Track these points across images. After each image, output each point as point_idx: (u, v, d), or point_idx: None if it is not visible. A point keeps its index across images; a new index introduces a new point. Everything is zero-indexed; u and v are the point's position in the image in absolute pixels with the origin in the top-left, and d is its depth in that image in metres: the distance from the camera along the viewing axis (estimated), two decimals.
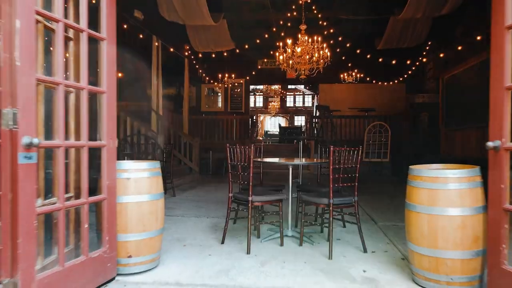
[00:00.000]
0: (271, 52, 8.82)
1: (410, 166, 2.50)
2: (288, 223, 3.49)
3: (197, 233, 3.59)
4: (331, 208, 2.90)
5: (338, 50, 10.00)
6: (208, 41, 9.14)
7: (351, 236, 3.52)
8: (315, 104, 16.53)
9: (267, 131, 22.86)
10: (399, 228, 3.87)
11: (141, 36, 8.83)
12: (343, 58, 11.13)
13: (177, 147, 8.83)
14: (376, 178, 8.93)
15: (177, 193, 6.22)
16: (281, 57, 7.13)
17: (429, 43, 9.92)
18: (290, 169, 3.43)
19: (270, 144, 11.92)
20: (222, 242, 3.20)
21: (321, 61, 7.05)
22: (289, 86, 23.32)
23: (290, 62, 7.23)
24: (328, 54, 6.99)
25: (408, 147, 9.16)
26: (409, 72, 10.72)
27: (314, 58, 6.99)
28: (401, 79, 11.50)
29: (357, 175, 3.10)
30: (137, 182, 2.44)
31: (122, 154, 5.43)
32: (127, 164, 2.44)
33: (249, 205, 2.95)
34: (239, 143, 3.38)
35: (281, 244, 3.13)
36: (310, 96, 22.91)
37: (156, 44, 8.60)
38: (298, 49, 6.85)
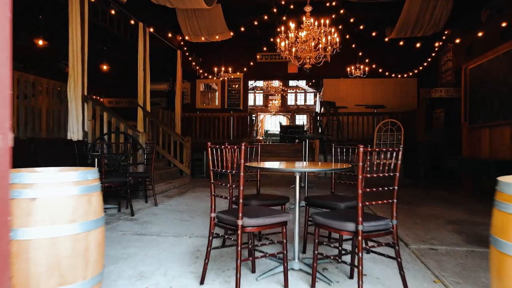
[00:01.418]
0: (271, 40, 7.88)
1: (499, 179, 1.53)
2: (294, 249, 2.55)
3: (170, 263, 2.65)
4: (360, 238, 1.95)
5: (344, 40, 9.05)
6: (201, 29, 8.20)
7: (381, 268, 2.59)
8: (318, 101, 15.59)
9: (267, 131, 21.92)
10: (440, 254, 2.93)
11: (125, 22, 7.90)
12: (350, 49, 10.19)
13: (167, 147, 7.90)
14: (388, 182, 7.98)
15: (161, 201, 5.28)
16: (282, 44, 6.19)
17: (446, 32, 8.99)
18: (297, 177, 2.49)
19: (270, 144, 10.97)
20: (201, 283, 2.26)
21: (329, 48, 6.11)
22: (290, 84, 22.39)
23: (293, 49, 6.29)
24: (337, 39, 6.05)
25: (423, 147, 8.21)
26: (425, 64, 9.75)
27: (320, 44, 6.05)
28: (410, 73, 10.54)
29: (395, 188, 2.17)
30: (50, 205, 1.49)
31: (91, 155, 4.49)
32: (33, 175, 1.49)
33: (239, 231, 2.01)
34: (230, 143, 2.45)
35: (285, 286, 2.19)
36: (312, 94, 21.98)
37: (143, 32, 7.67)
38: (303, 34, 5.91)
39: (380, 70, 10.76)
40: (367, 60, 10.40)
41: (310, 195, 3.11)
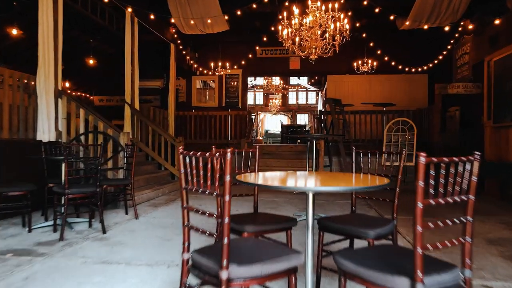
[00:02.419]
0: (272, 28, 7.14)
1: None
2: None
3: None
4: None
5: (350, 32, 8.32)
6: (194, 17, 7.46)
7: None
8: (320, 99, 14.86)
9: (267, 130, 21.19)
10: None
11: (110, 10, 7.16)
12: (356, 43, 9.45)
13: (157, 148, 7.17)
14: (402, 187, 7.23)
15: (144, 212, 4.54)
16: (284, 32, 5.45)
17: (462, 23, 8.25)
18: (310, 198, 1.74)
19: (270, 145, 10.24)
20: None
21: (338, 36, 5.37)
22: (292, 82, 21.66)
23: (297, 39, 5.55)
24: (347, 26, 5.31)
25: (439, 148, 7.48)
26: (440, 57, 8.99)
27: (328, 31, 5.31)
28: (420, 69, 9.78)
29: (469, 220, 1.42)
30: None
31: (51, 159, 3.75)
32: None
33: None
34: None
35: None
36: (314, 92, 21.24)
37: (130, 21, 6.93)
38: (308, 19, 5.16)
39: (388, 66, 10.03)
40: (375, 55, 9.67)
41: (324, 216, 2.36)
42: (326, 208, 5.07)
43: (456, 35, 8.40)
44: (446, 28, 8.18)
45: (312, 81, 15.33)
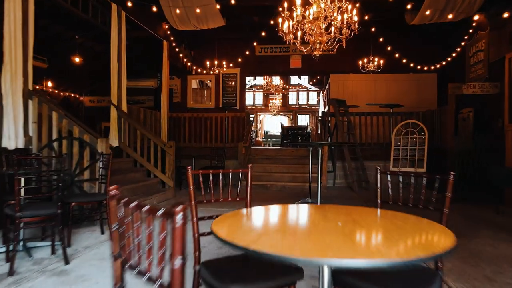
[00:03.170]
0: (272, 22, 6.55)
1: None
2: None
3: None
4: None
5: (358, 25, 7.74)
6: (187, 13, 6.87)
7: None
8: (321, 100, 14.25)
9: (267, 132, 20.59)
10: None
11: (93, 3, 6.56)
12: (360, 40, 8.86)
13: (146, 154, 6.58)
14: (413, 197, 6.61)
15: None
16: (285, 25, 4.85)
17: (476, 18, 7.66)
18: (326, 276, 1.13)
19: (270, 148, 9.64)
20: None
21: (345, 30, 4.77)
22: (292, 82, 21.07)
23: (299, 33, 4.95)
24: (356, 19, 4.72)
25: (453, 153, 6.87)
26: (454, 54, 8.39)
27: (335, 24, 4.71)
28: (426, 68, 9.17)
29: None
30: None
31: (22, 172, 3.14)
32: None
33: None
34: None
35: None
36: (315, 92, 20.66)
37: (117, 15, 6.34)
38: (312, 10, 4.56)
39: (395, 64, 9.43)
40: (381, 53, 9.07)
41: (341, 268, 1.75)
42: None
43: (470, 30, 7.80)
44: (459, 23, 7.59)
45: (314, 80, 14.74)
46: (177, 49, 8.77)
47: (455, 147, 6.86)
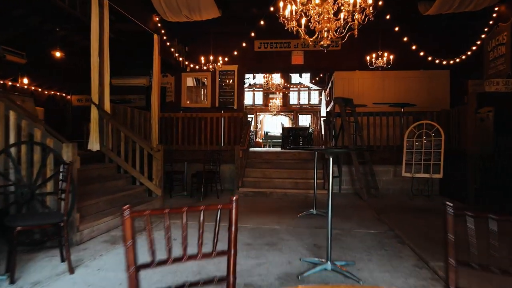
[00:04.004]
0: (272, 9, 5.84)
1: None
2: None
3: None
4: None
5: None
6: (178, 1, 6.17)
7: None
8: (323, 100, 13.54)
9: (267, 132, 19.89)
10: None
11: None
12: (367, 35, 8.17)
13: (131, 159, 5.87)
14: (429, 206, 5.89)
15: (92, 256, 3.24)
16: (287, 10, 4.14)
17: (496, 8, 6.97)
18: None
19: (270, 151, 8.93)
20: None
21: (357, 15, 4.06)
22: (293, 81, 20.36)
23: (303, 20, 4.24)
24: (370, 1, 4.01)
25: (475, 157, 6.16)
26: (474, 48, 7.67)
27: (343, 9, 4.00)
28: (437, 61, 8.45)
29: None
30: None
31: None
32: None
33: None
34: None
35: None
36: (317, 92, 19.96)
37: (98, 2, 5.63)
38: None
39: (404, 60, 8.73)
40: (390, 47, 8.37)
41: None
42: (343, 243, 3.76)
43: (491, 22, 7.09)
44: (477, 14, 6.90)
45: (317, 78, 14.02)
46: (169, 44, 8.06)
47: (477, 151, 6.15)
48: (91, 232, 3.84)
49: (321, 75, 13.40)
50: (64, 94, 10.38)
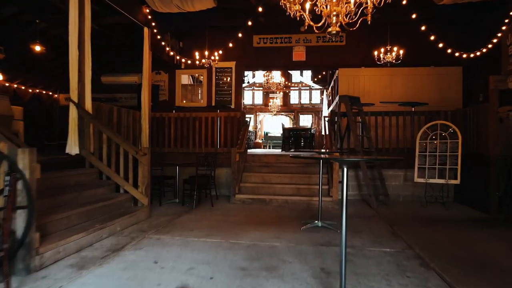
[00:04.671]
0: None
1: None
2: None
3: None
4: None
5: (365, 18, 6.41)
6: None
7: None
8: (325, 99, 12.92)
9: (267, 133, 19.28)
10: None
11: None
12: (373, 29, 7.56)
13: (114, 163, 5.26)
14: (446, 215, 5.24)
15: None
16: None
17: None
18: None
19: (269, 154, 8.30)
20: None
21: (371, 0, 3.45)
22: (294, 79, 19.72)
23: (307, 4, 3.64)
24: None
25: (498, 162, 5.54)
26: (495, 40, 7.01)
27: None
28: (449, 52, 7.82)
29: None
30: None
31: None
32: None
33: None
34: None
35: None
36: (319, 91, 19.35)
37: None
38: None
39: (413, 56, 8.13)
40: (399, 42, 7.76)
41: None
42: (356, 266, 3.14)
43: (511, 13, 6.46)
44: (495, 4, 6.28)
45: (319, 77, 13.41)
46: (160, 37, 7.43)
47: (500, 155, 5.53)
48: (56, 254, 3.22)
49: (323, 73, 12.78)
50: (51, 93, 9.77)
